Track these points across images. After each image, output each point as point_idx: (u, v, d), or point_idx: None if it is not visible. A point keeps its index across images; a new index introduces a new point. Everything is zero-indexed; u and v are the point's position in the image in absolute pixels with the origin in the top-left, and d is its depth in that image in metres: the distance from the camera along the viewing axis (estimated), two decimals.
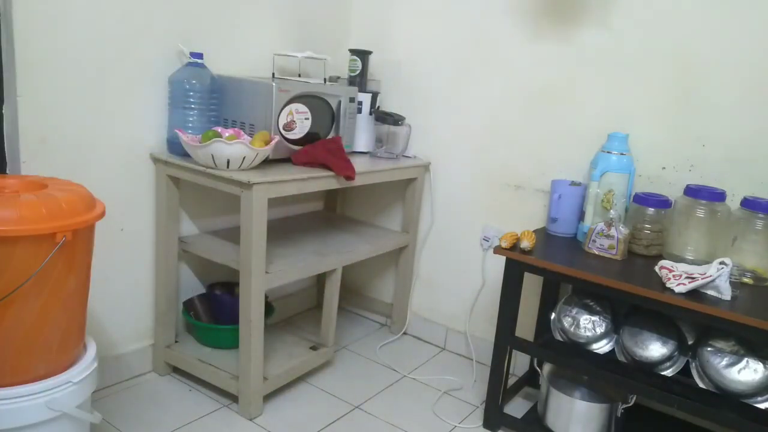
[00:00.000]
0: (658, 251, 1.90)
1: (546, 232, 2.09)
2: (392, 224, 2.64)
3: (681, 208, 1.84)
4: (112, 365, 2.01)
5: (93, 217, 1.40)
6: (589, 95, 2.10)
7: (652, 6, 1.96)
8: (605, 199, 1.93)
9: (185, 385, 2.09)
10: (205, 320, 2.20)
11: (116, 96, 1.86)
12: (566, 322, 1.94)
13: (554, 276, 1.81)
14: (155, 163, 1.98)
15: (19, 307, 1.31)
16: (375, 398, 2.14)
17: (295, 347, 2.22)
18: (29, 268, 1.28)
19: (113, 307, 2.00)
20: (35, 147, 1.70)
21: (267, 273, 1.87)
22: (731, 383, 1.66)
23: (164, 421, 1.88)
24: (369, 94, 2.39)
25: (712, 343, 1.72)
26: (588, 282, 1.71)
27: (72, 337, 1.45)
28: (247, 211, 1.78)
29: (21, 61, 1.63)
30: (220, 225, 2.26)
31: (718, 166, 1.90)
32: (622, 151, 1.94)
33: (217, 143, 1.74)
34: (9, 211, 1.25)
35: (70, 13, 1.70)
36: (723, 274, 1.57)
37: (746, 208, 1.75)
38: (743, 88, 1.84)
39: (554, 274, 1.79)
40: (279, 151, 1.97)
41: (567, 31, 2.11)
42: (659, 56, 1.96)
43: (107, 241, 1.88)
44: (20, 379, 1.35)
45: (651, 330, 1.82)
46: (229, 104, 2.01)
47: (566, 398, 1.86)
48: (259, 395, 1.95)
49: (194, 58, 1.92)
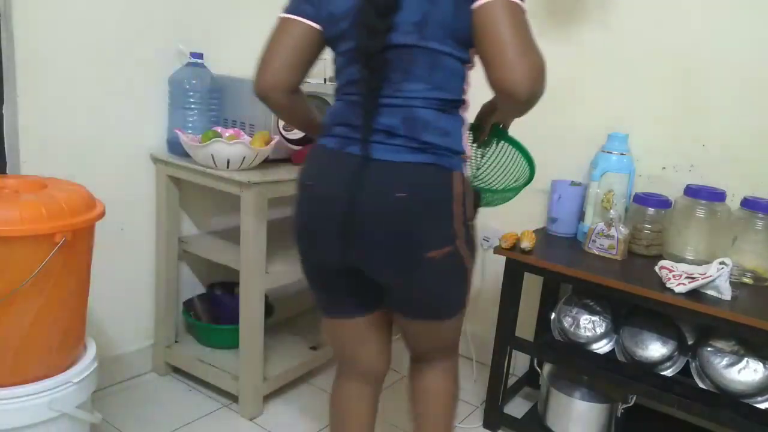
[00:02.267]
0: (658, 251, 1.90)
1: (546, 232, 2.09)
2: None
3: (681, 208, 1.84)
4: (112, 365, 2.01)
5: (93, 217, 1.40)
6: (589, 95, 2.10)
7: (652, 6, 1.96)
8: (605, 199, 1.93)
9: (185, 385, 2.09)
10: (205, 320, 2.19)
11: (116, 96, 1.86)
12: (566, 322, 1.94)
13: (554, 276, 1.82)
14: (155, 163, 1.98)
15: (19, 307, 1.30)
16: None
17: (295, 347, 2.22)
18: (29, 268, 1.28)
19: (113, 307, 2.00)
20: (35, 147, 1.70)
21: (267, 273, 1.87)
22: (731, 383, 1.66)
23: (164, 421, 1.88)
24: None
25: (712, 343, 1.71)
26: (588, 282, 1.71)
27: (72, 337, 1.45)
28: (247, 211, 1.78)
29: (21, 61, 1.63)
30: (220, 225, 2.26)
31: (718, 166, 1.90)
32: (622, 151, 1.94)
33: (217, 143, 1.74)
34: (9, 211, 1.25)
35: (70, 13, 1.70)
36: (723, 274, 1.57)
37: (746, 208, 1.75)
38: (743, 88, 1.84)
39: (554, 274, 1.79)
40: (279, 151, 1.97)
41: (567, 31, 2.11)
42: (659, 56, 1.96)
43: (107, 241, 1.87)
44: (20, 379, 1.35)
45: (651, 330, 1.81)
46: (229, 104, 2.01)
47: (566, 398, 1.86)
48: (259, 395, 1.95)
49: (194, 58, 1.92)
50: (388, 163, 1.12)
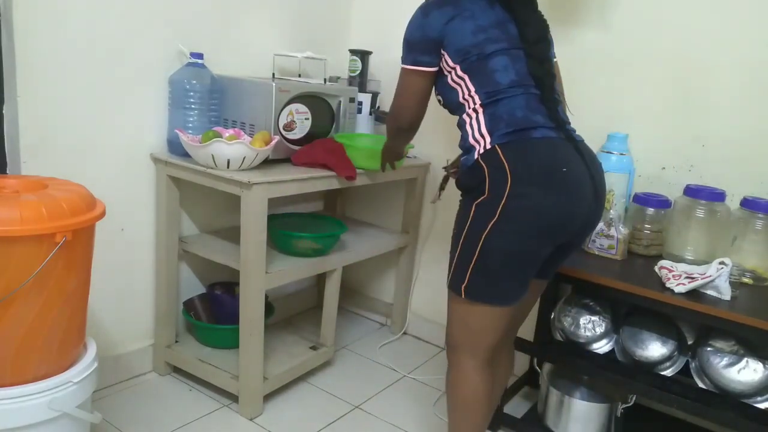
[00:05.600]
0: (657, 251, 1.90)
1: None
2: (392, 224, 2.64)
3: (681, 208, 1.84)
4: (112, 365, 2.01)
5: (93, 217, 1.40)
6: (589, 95, 2.10)
7: (652, 6, 1.96)
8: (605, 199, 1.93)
9: (185, 384, 2.09)
10: (205, 320, 2.20)
11: (116, 96, 1.86)
12: (566, 322, 1.94)
13: (554, 276, 1.81)
14: (155, 163, 1.98)
15: (19, 307, 1.31)
16: (375, 398, 2.14)
17: (295, 347, 2.22)
18: (29, 268, 1.28)
19: (113, 307, 2.00)
20: (35, 147, 1.70)
21: (267, 273, 1.87)
22: (731, 383, 1.66)
23: (164, 421, 1.88)
24: (369, 95, 2.39)
25: (712, 343, 1.72)
26: (588, 282, 1.71)
27: (72, 337, 1.45)
28: (247, 211, 1.78)
29: (21, 61, 1.63)
30: (220, 225, 2.26)
31: (718, 166, 1.90)
32: (621, 151, 1.94)
33: (217, 143, 1.74)
34: (9, 211, 1.25)
35: (70, 13, 1.70)
36: (723, 274, 1.57)
37: (746, 208, 1.76)
38: (743, 87, 1.84)
39: (554, 274, 1.78)
40: (279, 151, 1.97)
41: (567, 31, 2.11)
42: (659, 56, 1.96)
43: (107, 241, 1.87)
44: (20, 379, 1.35)
45: (651, 330, 1.82)
46: (229, 104, 2.01)
47: (566, 398, 1.86)
48: (259, 395, 1.95)
49: (194, 58, 1.92)
50: (583, 143, 1.46)
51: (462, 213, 1.44)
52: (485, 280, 1.39)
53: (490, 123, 1.39)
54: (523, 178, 1.33)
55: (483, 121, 1.41)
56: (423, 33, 1.46)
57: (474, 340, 1.46)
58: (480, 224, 1.36)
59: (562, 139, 1.40)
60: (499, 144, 1.37)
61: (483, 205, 1.36)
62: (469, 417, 1.51)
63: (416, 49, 1.47)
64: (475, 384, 1.47)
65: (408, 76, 1.51)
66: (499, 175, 1.34)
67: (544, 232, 1.36)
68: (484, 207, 1.36)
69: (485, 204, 1.36)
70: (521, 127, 1.37)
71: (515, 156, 1.35)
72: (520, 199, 1.32)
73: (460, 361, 1.48)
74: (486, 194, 1.36)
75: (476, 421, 1.51)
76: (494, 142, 1.37)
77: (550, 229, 1.36)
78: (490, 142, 1.38)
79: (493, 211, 1.34)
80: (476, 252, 1.37)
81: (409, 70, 1.50)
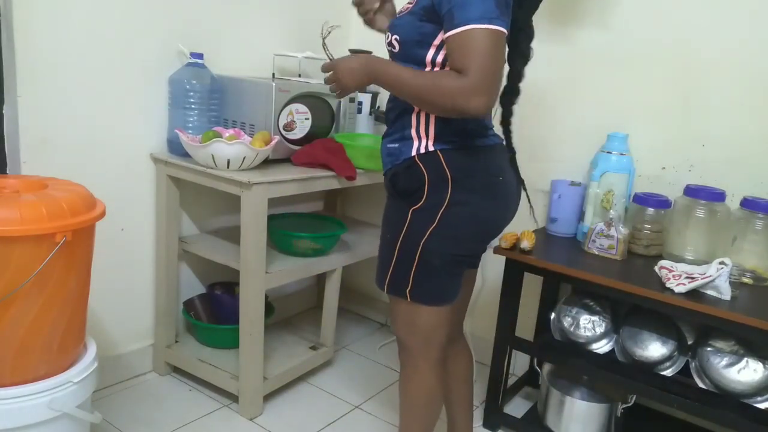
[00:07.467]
0: (657, 251, 1.90)
1: (546, 232, 2.09)
2: None
3: (681, 208, 1.84)
4: (112, 365, 2.01)
5: (93, 217, 1.40)
6: (589, 95, 2.10)
7: (652, 6, 1.96)
8: (605, 199, 1.93)
9: (185, 385, 2.09)
10: (205, 320, 2.19)
11: (116, 96, 1.86)
12: (566, 322, 1.94)
13: (554, 276, 1.82)
14: (155, 163, 1.98)
15: (19, 307, 1.31)
16: (375, 398, 2.14)
17: (295, 347, 2.22)
18: (29, 268, 1.28)
19: (113, 307, 2.00)
20: (35, 147, 1.70)
21: (267, 273, 1.87)
22: (731, 383, 1.66)
23: (164, 421, 1.88)
24: (369, 95, 2.38)
25: (712, 343, 1.72)
26: (588, 282, 1.71)
27: (72, 337, 1.45)
28: (247, 211, 1.78)
29: (21, 61, 1.63)
30: (220, 225, 2.26)
31: (718, 166, 1.90)
32: (621, 151, 1.94)
33: (217, 143, 1.74)
34: (9, 211, 1.25)
35: (70, 14, 1.70)
36: (723, 274, 1.57)
37: (746, 208, 1.76)
38: (743, 88, 1.84)
39: (554, 274, 1.79)
40: (279, 151, 1.97)
41: (567, 31, 2.11)
42: (659, 56, 1.96)
43: (107, 241, 1.87)
44: (20, 379, 1.35)
45: (651, 330, 1.82)
46: (229, 104, 2.01)
47: (566, 398, 1.86)
48: (259, 395, 1.95)
49: (194, 58, 1.92)
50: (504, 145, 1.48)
51: (395, 216, 1.37)
52: (429, 282, 1.36)
53: (440, 125, 1.31)
54: (465, 185, 1.30)
55: (433, 119, 1.32)
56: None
57: (423, 340, 1.44)
58: (418, 230, 1.32)
59: (499, 143, 1.42)
60: (442, 150, 1.31)
61: (421, 211, 1.31)
62: (421, 417, 1.49)
63: (503, 6, 1.20)
64: (430, 384, 1.46)
65: (501, 40, 1.18)
66: (440, 182, 1.30)
67: (482, 236, 1.39)
68: (422, 213, 1.31)
69: (423, 210, 1.31)
70: (468, 133, 1.33)
71: (457, 163, 1.30)
72: (459, 207, 1.30)
73: (414, 363, 1.47)
74: (424, 200, 1.31)
75: (429, 421, 1.50)
76: (437, 147, 1.31)
77: (487, 233, 1.40)
78: (433, 145, 1.32)
79: (432, 218, 1.30)
80: (416, 257, 1.34)
81: (501, 33, 1.18)
